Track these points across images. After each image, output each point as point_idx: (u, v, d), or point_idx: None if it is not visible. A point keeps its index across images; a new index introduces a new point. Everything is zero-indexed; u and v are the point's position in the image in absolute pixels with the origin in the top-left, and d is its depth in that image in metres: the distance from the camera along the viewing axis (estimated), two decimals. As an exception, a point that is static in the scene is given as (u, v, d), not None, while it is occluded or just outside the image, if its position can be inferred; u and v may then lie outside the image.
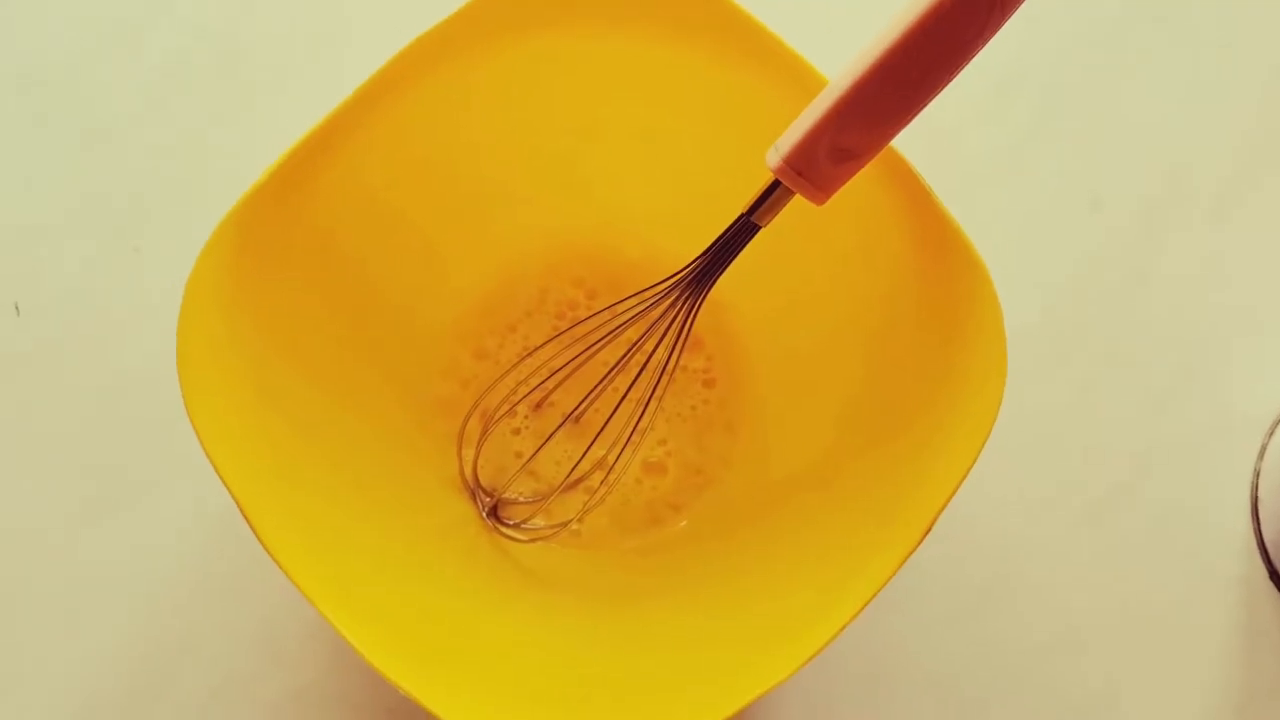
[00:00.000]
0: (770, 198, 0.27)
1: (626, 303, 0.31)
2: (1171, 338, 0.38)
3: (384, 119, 0.29)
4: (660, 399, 0.32)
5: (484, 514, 0.33)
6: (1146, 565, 0.35)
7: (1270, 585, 0.35)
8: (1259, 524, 0.36)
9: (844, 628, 0.24)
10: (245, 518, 0.24)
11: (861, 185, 0.27)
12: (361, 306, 0.32)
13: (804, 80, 0.28)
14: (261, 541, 0.24)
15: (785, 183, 0.26)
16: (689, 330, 0.30)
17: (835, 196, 0.26)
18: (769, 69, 0.29)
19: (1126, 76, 0.40)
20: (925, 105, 0.24)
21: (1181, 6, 0.40)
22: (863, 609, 0.25)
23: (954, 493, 0.26)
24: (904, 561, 0.25)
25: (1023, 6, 0.22)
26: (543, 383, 0.35)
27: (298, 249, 0.29)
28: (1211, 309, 0.38)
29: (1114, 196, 0.39)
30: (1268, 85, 0.39)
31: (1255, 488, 0.36)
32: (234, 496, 0.24)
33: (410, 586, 0.27)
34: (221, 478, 0.24)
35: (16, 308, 0.37)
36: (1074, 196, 0.39)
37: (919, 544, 0.25)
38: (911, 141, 0.27)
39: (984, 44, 0.23)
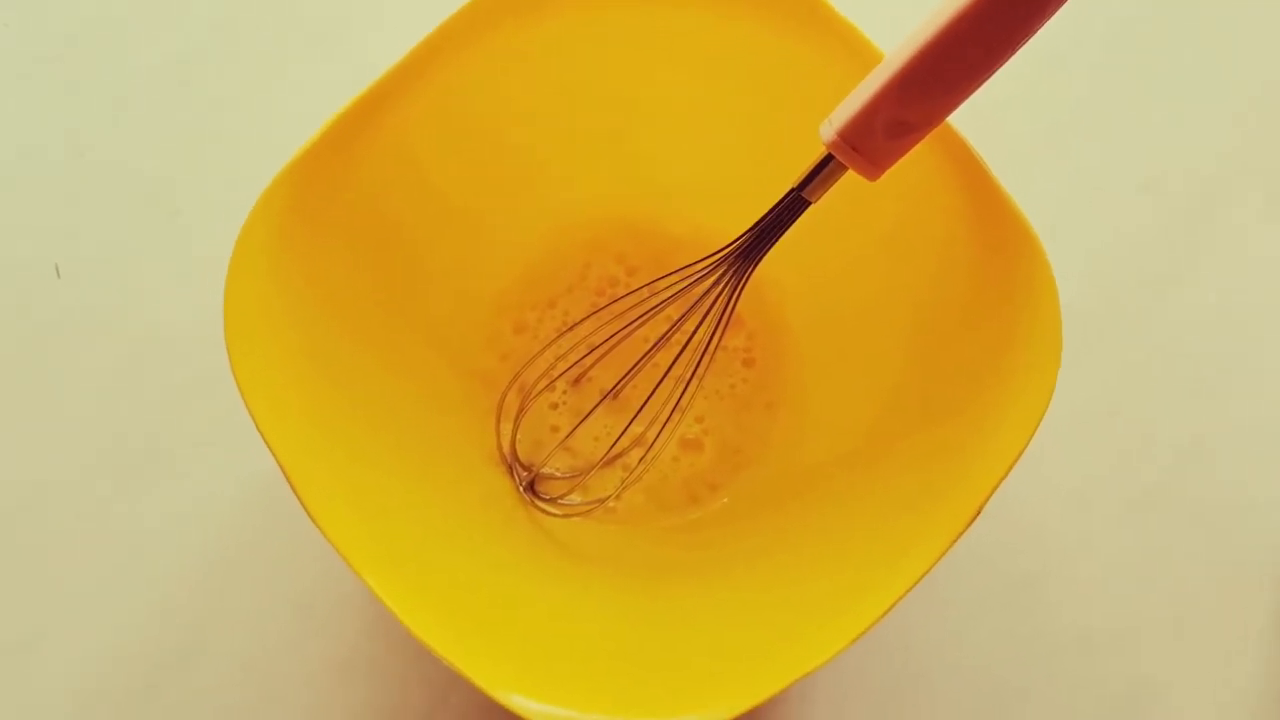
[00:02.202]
0: (822, 172, 0.26)
1: (669, 279, 0.31)
2: (1219, 327, 0.37)
3: (430, 87, 0.29)
4: (701, 378, 0.31)
5: (521, 488, 0.33)
6: (1190, 558, 0.35)
7: (1319, 583, 0.35)
8: (1307, 520, 0.35)
9: (884, 615, 0.24)
10: (289, 482, 0.24)
11: (909, 159, 0.26)
12: (407, 274, 0.31)
13: (857, 51, 0.28)
14: (305, 506, 0.23)
15: (839, 157, 0.25)
16: (734, 308, 0.30)
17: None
18: (821, 40, 0.28)
19: (1179, 59, 0.39)
20: (989, 76, 0.23)
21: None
22: (902, 597, 0.24)
23: (1001, 481, 0.25)
24: (948, 549, 0.25)
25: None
26: (582, 359, 0.34)
27: (345, 213, 0.28)
28: (1261, 298, 0.37)
29: (1164, 181, 0.38)
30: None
31: (1304, 483, 0.35)
32: (278, 460, 0.24)
33: (450, 557, 0.27)
34: (265, 440, 0.24)
35: (57, 269, 0.37)
36: (1122, 179, 0.38)
37: (964, 531, 0.25)
38: (953, 119, 0.26)
39: (1055, 10, 0.22)
